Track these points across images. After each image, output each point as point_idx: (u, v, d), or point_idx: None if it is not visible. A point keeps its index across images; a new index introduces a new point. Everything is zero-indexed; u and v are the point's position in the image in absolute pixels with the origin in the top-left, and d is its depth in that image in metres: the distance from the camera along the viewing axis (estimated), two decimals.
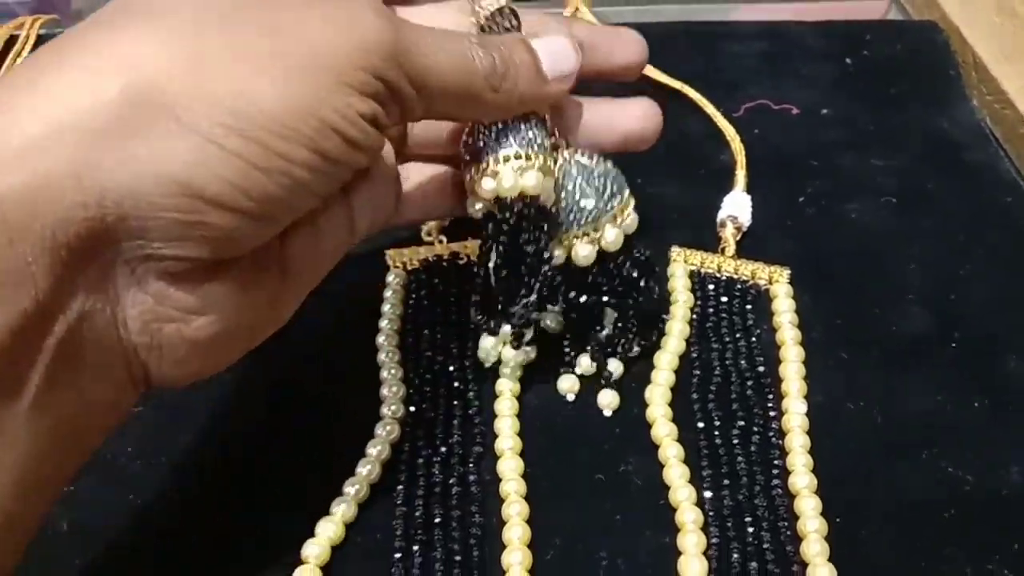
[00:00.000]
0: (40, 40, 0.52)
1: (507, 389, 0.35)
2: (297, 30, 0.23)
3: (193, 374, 0.25)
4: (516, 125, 0.29)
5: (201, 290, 0.23)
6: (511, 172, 0.29)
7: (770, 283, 0.39)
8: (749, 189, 0.43)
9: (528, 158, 0.29)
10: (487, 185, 0.30)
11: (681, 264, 0.40)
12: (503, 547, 0.31)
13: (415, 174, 0.33)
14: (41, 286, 0.20)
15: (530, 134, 0.29)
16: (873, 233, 0.42)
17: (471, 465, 0.33)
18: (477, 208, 0.31)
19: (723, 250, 0.41)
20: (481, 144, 0.30)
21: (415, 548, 0.31)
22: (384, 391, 0.34)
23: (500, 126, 0.29)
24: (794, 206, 0.44)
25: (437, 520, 0.32)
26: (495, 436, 0.34)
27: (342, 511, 0.31)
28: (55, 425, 0.22)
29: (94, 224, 0.21)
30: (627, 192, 0.33)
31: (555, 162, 0.31)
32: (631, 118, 0.34)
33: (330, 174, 0.24)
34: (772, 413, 0.35)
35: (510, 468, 0.33)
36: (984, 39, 0.51)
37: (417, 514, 0.32)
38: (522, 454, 0.34)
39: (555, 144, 0.31)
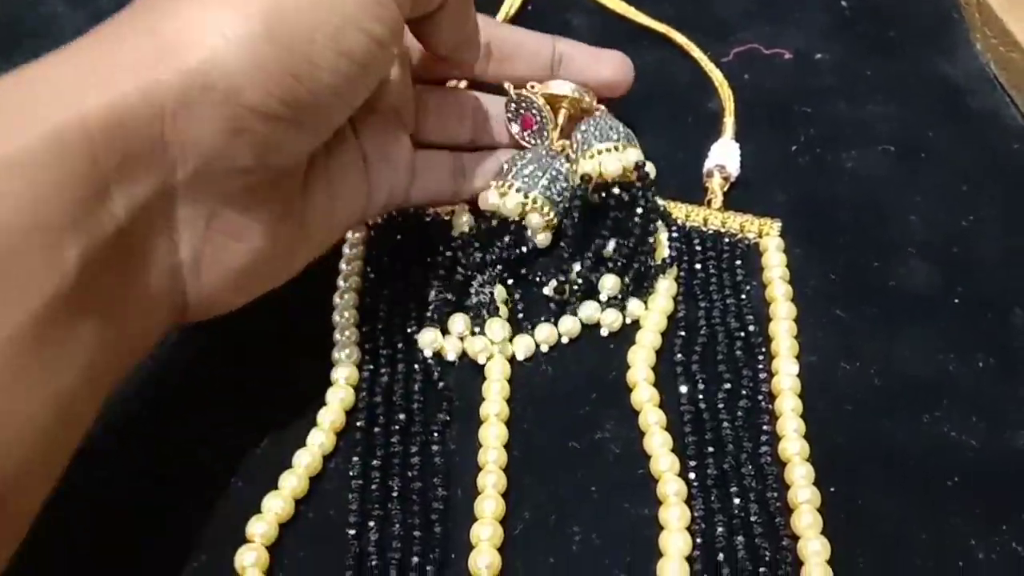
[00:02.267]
0: None
1: (498, 352, 0.33)
2: None
3: (220, 304, 0.28)
4: (539, 163, 0.35)
5: (243, 217, 0.26)
6: (505, 197, 0.34)
7: (760, 236, 0.37)
8: (738, 137, 0.40)
9: (527, 196, 0.34)
10: (491, 198, 0.34)
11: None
12: (470, 520, 0.29)
13: (423, 160, 0.35)
14: (130, 196, 0.23)
15: (543, 176, 0.35)
16: (870, 183, 0.40)
17: (434, 434, 0.31)
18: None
19: (710, 202, 0.38)
20: (506, 167, 0.35)
21: (371, 524, 0.28)
22: (336, 353, 0.32)
23: (527, 159, 0.35)
24: (786, 155, 0.41)
25: (395, 493, 0.29)
26: (458, 404, 0.32)
27: (291, 485, 0.29)
28: (103, 342, 0.23)
29: (156, 135, 0.23)
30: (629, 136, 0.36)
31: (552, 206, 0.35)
32: (604, 70, 0.37)
33: (356, 80, 0.26)
34: (761, 375, 0.32)
35: (493, 435, 0.30)
36: None
37: (374, 487, 0.29)
38: (508, 422, 0.31)
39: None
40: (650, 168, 0.36)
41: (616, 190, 0.35)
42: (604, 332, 0.34)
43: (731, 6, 0.48)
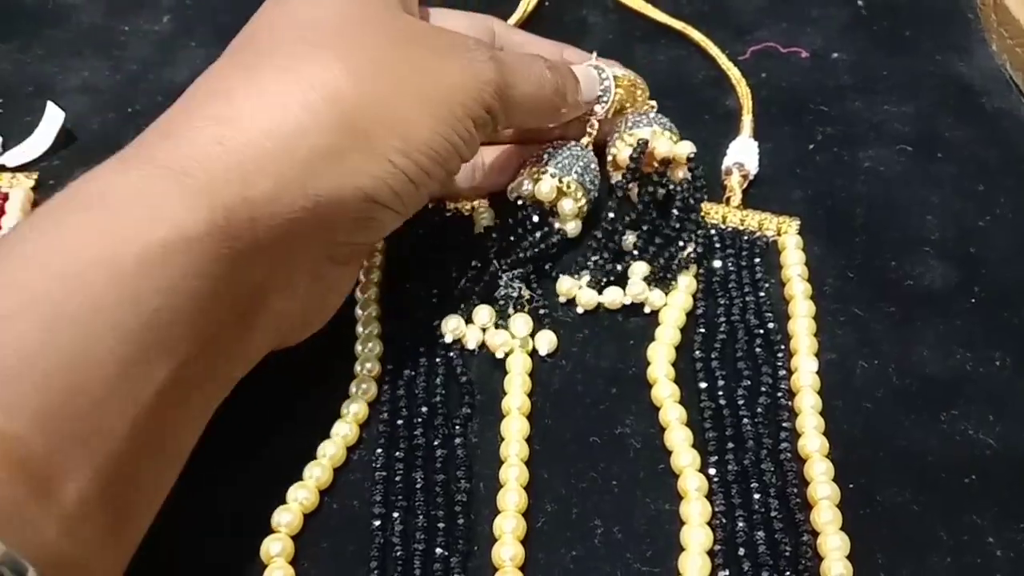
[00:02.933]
0: None
1: (518, 346, 0.33)
2: (438, 72, 0.29)
3: (300, 338, 0.30)
4: (571, 152, 0.36)
5: (342, 272, 0.30)
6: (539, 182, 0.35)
7: (779, 234, 0.37)
8: (756, 135, 0.41)
9: (561, 180, 0.35)
10: (525, 185, 0.35)
11: None
12: (493, 513, 0.29)
13: None
14: (268, 265, 0.26)
15: (575, 164, 0.35)
16: (887, 182, 0.40)
17: (456, 427, 0.31)
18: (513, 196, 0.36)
19: (728, 200, 0.38)
20: (536, 158, 0.36)
21: (395, 515, 0.29)
22: (359, 347, 0.32)
23: (559, 148, 0.35)
24: (804, 153, 0.41)
25: (419, 485, 0.29)
26: (480, 397, 0.32)
27: (316, 476, 0.29)
28: (221, 382, 0.27)
29: (307, 221, 0.26)
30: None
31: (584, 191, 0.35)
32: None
33: (441, 182, 0.30)
34: (781, 372, 0.33)
35: (515, 429, 0.31)
36: None
37: (397, 479, 0.30)
38: (529, 416, 0.31)
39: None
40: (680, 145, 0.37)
41: (669, 177, 0.36)
42: (627, 301, 0.34)
43: (748, 4, 0.48)
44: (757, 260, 0.36)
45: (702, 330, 0.34)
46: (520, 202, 0.35)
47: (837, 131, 0.42)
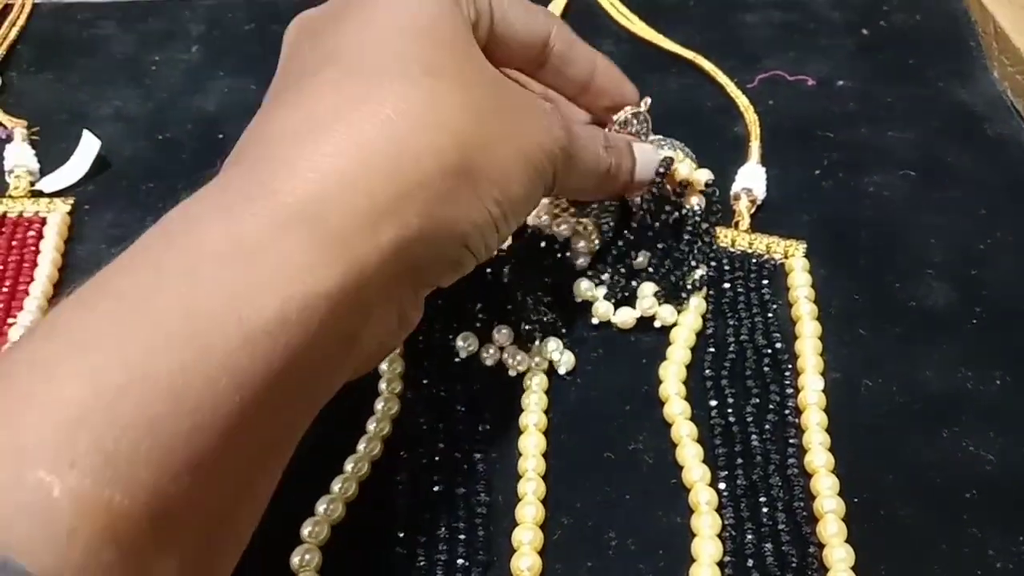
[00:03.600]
0: (35, 8, 0.51)
1: (536, 365, 0.34)
2: (525, 126, 0.29)
3: (371, 368, 0.31)
4: None
5: (420, 306, 0.29)
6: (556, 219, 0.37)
7: (786, 257, 0.38)
8: (764, 161, 0.42)
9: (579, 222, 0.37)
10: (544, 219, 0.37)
11: None
12: (511, 525, 0.30)
13: None
14: (372, 312, 0.26)
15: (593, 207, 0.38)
16: (892, 206, 0.41)
17: (476, 442, 0.32)
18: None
19: (737, 224, 0.40)
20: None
21: (419, 526, 0.30)
22: (382, 366, 0.33)
23: None
24: (810, 179, 0.42)
25: (441, 498, 0.31)
26: (499, 414, 0.33)
27: (343, 488, 0.30)
28: (313, 412, 0.26)
29: (416, 263, 0.26)
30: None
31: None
32: (628, 94, 0.38)
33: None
34: (788, 390, 0.34)
35: (532, 444, 0.32)
36: (1006, 7, 0.49)
37: (420, 491, 0.31)
38: (546, 432, 0.33)
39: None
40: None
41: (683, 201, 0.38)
42: (638, 314, 0.35)
43: (756, 34, 0.50)
44: (765, 282, 0.37)
45: (712, 349, 0.35)
46: (536, 232, 0.36)
47: (843, 157, 0.43)
